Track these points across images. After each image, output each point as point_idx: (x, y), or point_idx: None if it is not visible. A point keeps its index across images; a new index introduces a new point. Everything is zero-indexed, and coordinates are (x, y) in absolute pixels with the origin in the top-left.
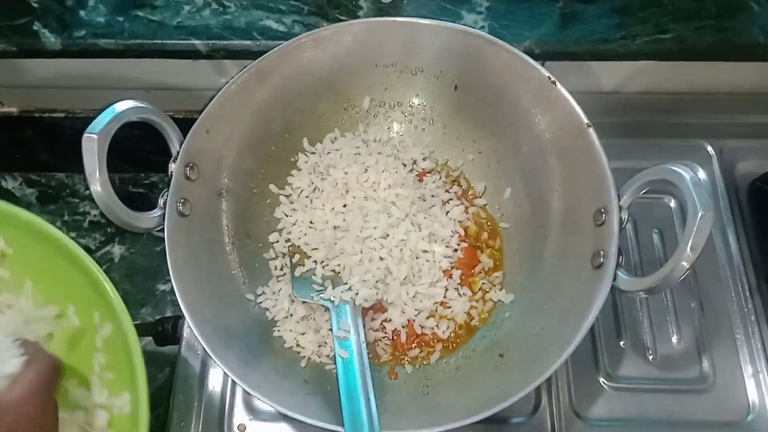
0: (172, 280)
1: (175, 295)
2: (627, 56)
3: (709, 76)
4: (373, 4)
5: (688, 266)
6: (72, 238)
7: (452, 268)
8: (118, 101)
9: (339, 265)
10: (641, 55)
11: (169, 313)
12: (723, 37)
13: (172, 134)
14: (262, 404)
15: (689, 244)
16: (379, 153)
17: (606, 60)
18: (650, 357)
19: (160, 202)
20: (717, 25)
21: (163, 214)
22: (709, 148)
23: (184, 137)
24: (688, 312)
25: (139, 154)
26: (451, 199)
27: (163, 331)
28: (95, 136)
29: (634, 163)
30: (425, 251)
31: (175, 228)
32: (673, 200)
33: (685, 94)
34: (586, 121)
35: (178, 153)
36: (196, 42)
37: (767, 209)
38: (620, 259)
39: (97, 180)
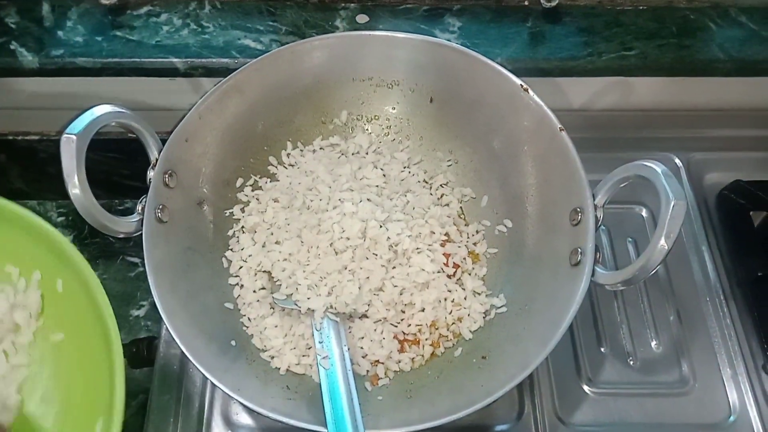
0: (150, 283)
1: (149, 320)
2: (594, 72)
3: (673, 93)
4: (349, 24)
5: (664, 254)
6: None
7: (436, 272)
8: (96, 105)
9: (319, 277)
10: (608, 71)
11: None
12: (684, 54)
13: (151, 141)
14: (241, 418)
15: (664, 232)
16: (358, 167)
17: (574, 76)
18: (631, 362)
19: (138, 207)
20: (678, 43)
21: (142, 220)
22: (677, 161)
23: None
24: (666, 317)
25: (113, 179)
26: (431, 206)
27: (137, 352)
28: (74, 137)
29: (604, 176)
30: (407, 258)
31: (154, 233)
32: (644, 210)
33: (651, 111)
34: (558, 125)
35: (156, 160)
36: (175, 60)
37: (735, 217)
38: (597, 256)
39: (75, 182)
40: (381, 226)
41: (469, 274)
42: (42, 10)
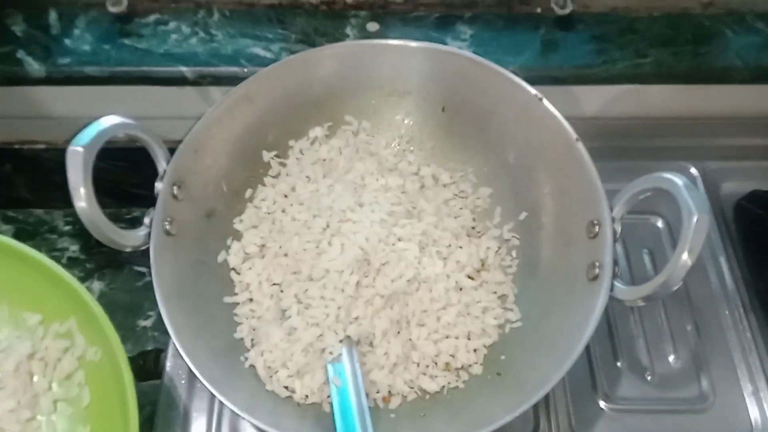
0: (157, 298)
1: (156, 331)
2: (608, 80)
3: (688, 101)
4: (360, 32)
5: (686, 269)
6: None
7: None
8: (102, 116)
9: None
10: (622, 79)
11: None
12: (700, 61)
13: (159, 152)
14: None
15: (687, 247)
16: (370, 175)
17: (588, 84)
18: (648, 377)
19: (146, 220)
20: (693, 50)
21: (149, 233)
22: (693, 170)
23: None
24: (684, 331)
25: (122, 188)
26: (444, 218)
27: (144, 365)
28: (81, 149)
29: (619, 186)
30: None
31: (162, 246)
32: (660, 220)
33: (666, 119)
34: (574, 135)
35: (165, 171)
36: (183, 68)
37: (753, 228)
38: (616, 270)
39: (82, 195)
40: (393, 242)
41: (483, 288)
42: (49, 17)
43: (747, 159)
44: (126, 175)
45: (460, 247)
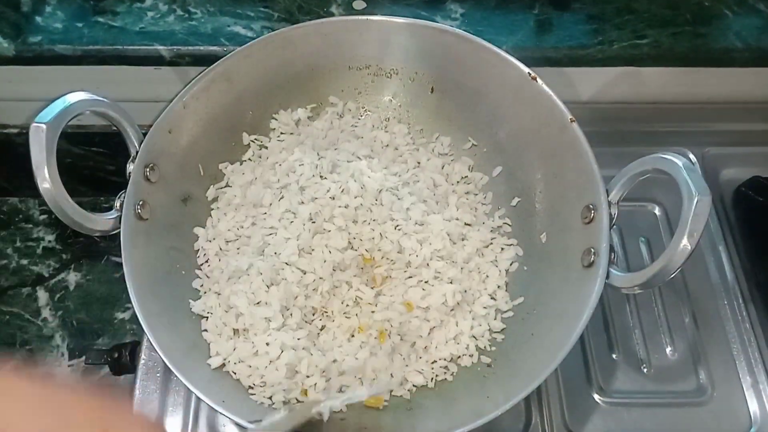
0: (128, 286)
1: (135, 324)
2: (605, 62)
3: (687, 84)
4: (345, 10)
5: (686, 254)
6: (24, 264)
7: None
8: (71, 92)
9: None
10: (619, 61)
11: None
12: (699, 43)
13: (131, 132)
14: (228, 430)
15: (687, 230)
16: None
17: (584, 66)
18: (644, 369)
19: (116, 203)
20: (693, 31)
21: (120, 216)
22: (692, 156)
23: None
24: (681, 322)
25: (98, 175)
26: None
27: (119, 358)
28: (44, 126)
29: (615, 172)
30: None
31: (133, 231)
32: (657, 208)
33: (664, 103)
34: (569, 116)
35: (137, 152)
36: (160, 47)
37: (754, 215)
38: (612, 256)
39: (45, 175)
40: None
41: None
42: None
43: (747, 144)
44: (103, 162)
45: (448, 235)
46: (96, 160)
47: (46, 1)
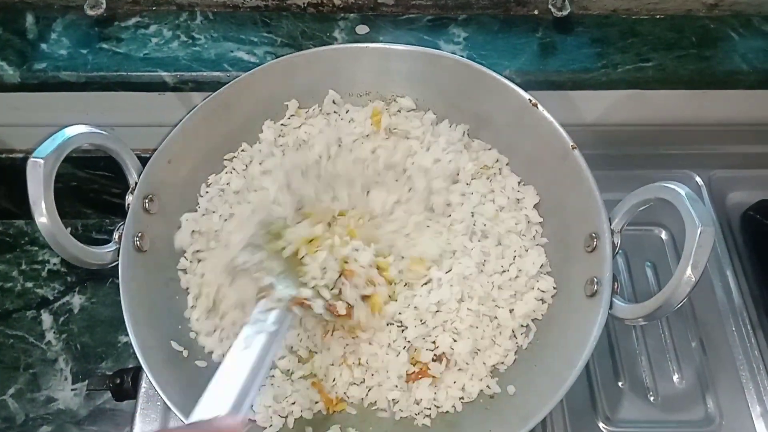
0: (125, 319)
1: None
2: (609, 85)
3: (692, 106)
4: (349, 35)
5: (690, 286)
6: (29, 287)
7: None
8: (69, 125)
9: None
10: (623, 84)
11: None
12: (705, 65)
13: (129, 163)
14: None
15: (690, 262)
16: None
17: (588, 89)
18: (651, 398)
19: (115, 236)
20: (698, 54)
21: (118, 249)
22: (698, 179)
23: None
24: (689, 349)
25: (103, 198)
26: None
27: (122, 384)
28: (41, 161)
29: (620, 195)
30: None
31: (131, 264)
32: (664, 232)
33: (670, 126)
34: (571, 143)
35: (136, 184)
36: (163, 73)
37: (761, 239)
38: (615, 286)
39: (42, 210)
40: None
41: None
42: (25, 21)
43: (754, 167)
44: (108, 185)
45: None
46: (101, 183)
47: (52, 28)
